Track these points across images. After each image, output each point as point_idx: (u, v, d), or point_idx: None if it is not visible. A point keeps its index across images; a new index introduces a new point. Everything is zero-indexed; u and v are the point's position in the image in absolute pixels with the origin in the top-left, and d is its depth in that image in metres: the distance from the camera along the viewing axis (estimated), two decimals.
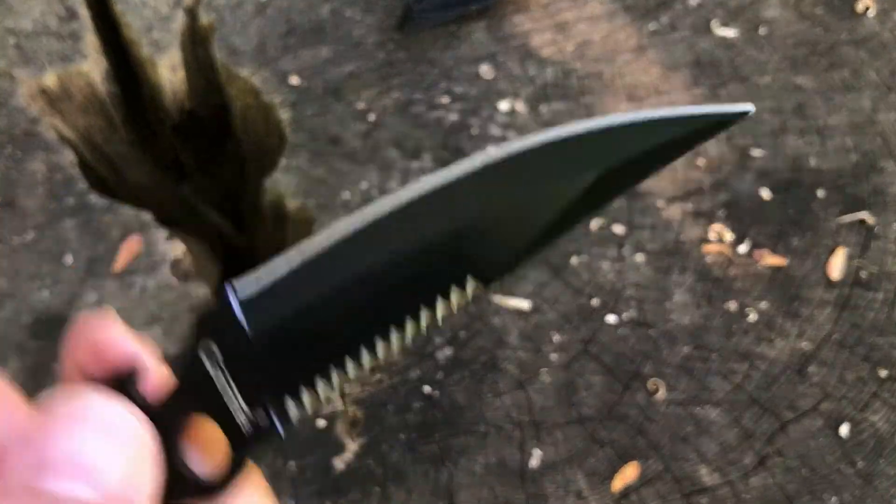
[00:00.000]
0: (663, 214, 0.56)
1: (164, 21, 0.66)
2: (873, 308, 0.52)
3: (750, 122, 0.60)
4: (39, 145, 0.59)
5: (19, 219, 0.56)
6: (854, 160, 0.58)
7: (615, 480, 0.48)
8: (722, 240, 0.55)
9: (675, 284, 0.53)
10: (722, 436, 0.49)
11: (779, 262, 0.54)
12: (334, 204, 0.57)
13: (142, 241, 0.56)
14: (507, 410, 0.50)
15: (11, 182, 0.58)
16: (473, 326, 0.52)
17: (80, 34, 0.64)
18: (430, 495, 0.47)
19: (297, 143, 0.59)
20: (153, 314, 0.53)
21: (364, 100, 0.61)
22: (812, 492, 0.47)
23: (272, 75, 0.62)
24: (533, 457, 0.48)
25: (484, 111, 0.60)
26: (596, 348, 0.51)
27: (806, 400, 0.50)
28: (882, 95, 0.60)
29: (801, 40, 0.63)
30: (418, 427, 0.49)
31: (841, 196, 0.56)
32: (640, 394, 0.50)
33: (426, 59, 0.63)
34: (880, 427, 0.49)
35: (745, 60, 0.62)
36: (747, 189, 0.57)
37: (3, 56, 0.63)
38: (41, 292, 0.54)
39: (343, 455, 0.49)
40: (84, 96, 0.66)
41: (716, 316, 0.52)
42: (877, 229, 0.55)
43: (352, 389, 0.50)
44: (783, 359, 0.51)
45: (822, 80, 0.61)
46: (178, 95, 0.71)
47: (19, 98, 0.61)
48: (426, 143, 0.59)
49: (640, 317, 0.52)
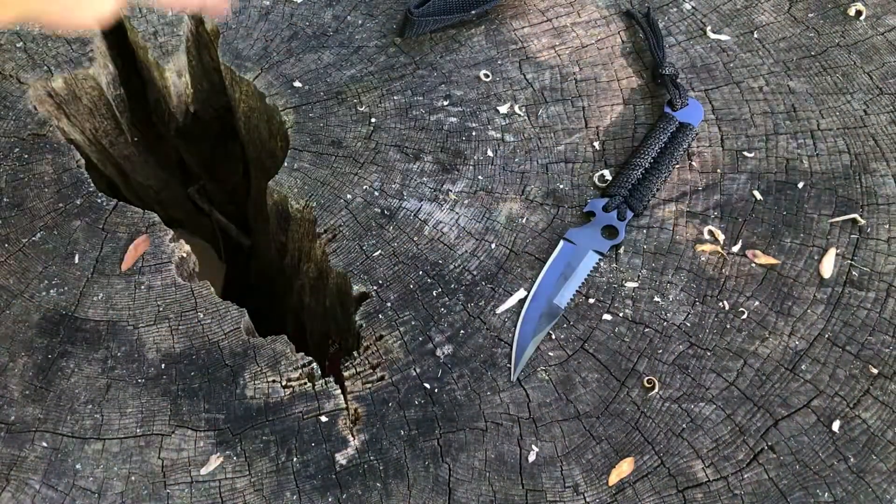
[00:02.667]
0: (658, 215, 0.57)
1: (169, 26, 0.67)
2: (865, 307, 0.53)
3: (743, 125, 0.61)
4: (47, 147, 0.60)
5: (28, 219, 0.57)
6: (846, 162, 0.59)
7: (611, 475, 0.48)
8: (716, 240, 0.56)
9: (670, 284, 0.54)
10: (716, 432, 0.50)
11: (772, 262, 0.55)
12: (337, 204, 0.57)
13: (148, 241, 0.56)
14: (505, 407, 0.50)
15: (20, 183, 0.59)
16: (473, 325, 0.53)
17: (88, 39, 0.65)
18: (430, 490, 0.48)
19: (300, 146, 0.60)
20: (160, 313, 0.54)
21: (365, 103, 0.62)
22: (805, 487, 0.48)
23: (276, 79, 0.63)
24: (531, 452, 0.49)
25: (483, 114, 0.61)
26: (593, 346, 0.52)
27: (799, 397, 0.50)
28: (874, 98, 0.61)
29: (794, 44, 0.64)
30: (419, 423, 0.50)
31: (833, 197, 0.57)
32: (635, 391, 0.51)
33: (426, 63, 0.64)
34: (872, 423, 0.50)
35: (739, 64, 0.63)
36: (740, 190, 0.58)
37: (12, 60, 0.64)
38: (49, 291, 0.54)
39: (345, 450, 0.49)
40: (91, 99, 0.67)
41: (710, 314, 0.53)
42: (868, 230, 0.56)
43: (353, 387, 0.51)
44: (776, 356, 0.52)
45: (814, 84, 0.62)
46: (184, 98, 0.71)
47: (28, 101, 0.62)
48: (426, 145, 0.60)
49: (635, 315, 0.53)
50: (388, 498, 0.48)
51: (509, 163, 0.59)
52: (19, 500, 0.48)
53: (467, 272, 0.55)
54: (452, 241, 0.56)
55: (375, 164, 0.59)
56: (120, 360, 0.52)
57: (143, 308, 0.54)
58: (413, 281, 0.54)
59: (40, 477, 0.48)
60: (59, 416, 0.50)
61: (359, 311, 0.53)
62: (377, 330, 0.53)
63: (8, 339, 0.53)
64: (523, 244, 0.56)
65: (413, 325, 0.53)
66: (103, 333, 0.53)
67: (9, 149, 0.60)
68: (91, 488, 0.48)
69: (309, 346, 0.70)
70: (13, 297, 0.54)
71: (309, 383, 0.51)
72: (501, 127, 0.61)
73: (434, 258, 0.55)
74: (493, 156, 0.59)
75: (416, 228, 0.56)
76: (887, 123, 0.60)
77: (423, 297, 0.54)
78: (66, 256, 0.56)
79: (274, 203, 0.61)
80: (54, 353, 0.52)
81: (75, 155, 0.60)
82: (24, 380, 0.51)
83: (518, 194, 0.58)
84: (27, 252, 0.56)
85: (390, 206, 0.57)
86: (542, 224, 0.57)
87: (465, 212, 0.57)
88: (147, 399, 0.51)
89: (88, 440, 0.50)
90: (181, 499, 0.48)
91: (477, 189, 0.58)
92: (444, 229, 0.56)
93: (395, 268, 0.55)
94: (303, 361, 0.52)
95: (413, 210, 0.57)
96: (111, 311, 0.54)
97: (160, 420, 0.50)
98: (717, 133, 0.60)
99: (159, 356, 0.52)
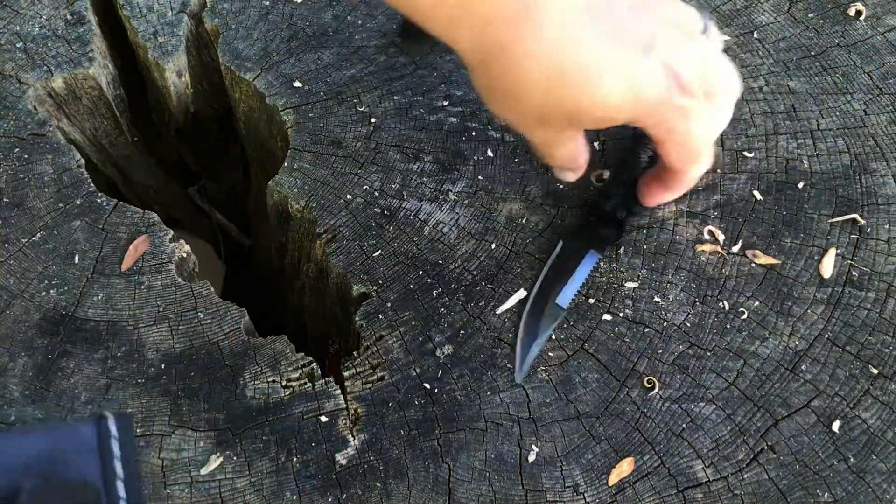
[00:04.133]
0: (658, 215, 0.57)
1: (169, 26, 0.67)
2: (865, 307, 0.53)
3: (743, 125, 0.61)
4: (47, 147, 0.60)
5: (28, 219, 0.57)
6: (846, 162, 0.59)
7: (611, 475, 0.48)
8: (716, 240, 0.56)
9: (670, 284, 0.54)
10: (716, 432, 0.50)
11: (772, 262, 0.55)
12: (337, 204, 0.58)
13: (148, 241, 0.56)
14: (505, 407, 0.50)
15: (20, 183, 0.59)
16: (473, 325, 0.53)
17: (87, 38, 0.65)
18: (430, 490, 0.48)
19: (300, 146, 0.60)
20: (160, 313, 0.54)
21: (365, 103, 0.62)
22: (805, 487, 0.48)
23: (276, 79, 0.63)
24: (531, 452, 0.49)
25: (483, 114, 0.61)
26: (593, 346, 0.52)
27: (798, 397, 0.50)
28: (873, 98, 0.61)
29: (794, 44, 0.64)
30: (419, 423, 0.50)
31: (833, 197, 0.57)
32: (635, 391, 0.51)
33: (426, 63, 0.64)
34: (872, 424, 0.50)
35: (739, 64, 0.63)
36: (740, 190, 0.58)
37: (12, 60, 0.64)
38: (49, 291, 0.54)
39: (345, 451, 0.49)
40: (91, 99, 0.67)
41: (710, 314, 0.53)
42: (868, 230, 0.56)
43: (353, 387, 0.51)
44: (776, 356, 0.52)
45: (814, 84, 0.62)
46: (183, 99, 0.71)
47: (27, 101, 0.62)
48: (426, 145, 0.60)
49: (635, 315, 0.53)
50: (388, 498, 0.48)
51: (509, 163, 0.59)
52: None
53: (467, 272, 0.55)
54: (452, 241, 0.56)
55: (375, 164, 0.59)
56: (120, 360, 0.52)
57: (143, 308, 0.54)
58: (413, 281, 0.54)
59: None
60: (59, 417, 0.50)
61: (359, 311, 0.53)
62: (377, 330, 0.53)
63: (8, 339, 0.53)
64: (523, 244, 0.56)
65: (413, 325, 0.53)
66: (103, 333, 0.53)
67: (9, 149, 0.60)
68: None
69: (309, 346, 0.70)
70: (13, 297, 0.54)
71: (309, 383, 0.51)
72: (502, 127, 0.61)
73: (434, 258, 0.55)
74: (493, 156, 0.59)
75: (416, 228, 0.57)
76: (887, 123, 0.60)
77: (423, 297, 0.54)
78: (66, 256, 0.56)
79: (274, 203, 0.61)
80: (54, 353, 0.52)
81: (75, 155, 0.60)
82: (24, 380, 0.51)
83: (518, 194, 0.58)
84: (27, 252, 0.56)
85: (390, 206, 0.57)
86: (542, 224, 0.57)
87: (465, 212, 0.57)
88: (147, 399, 0.51)
89: None
90: (181, 499, 0.48)
91: (477, 189, 0.58)
92: (444, 229, 0.56)
93: (396, 268, 0.55)
94: (303, 362, 0.52)
95: (413, 210, 0.57)
96: (111, 311, 0.54)
97: (160, 420, 0.50)
98: None
99: (159, 356, 0.52)
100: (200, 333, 0.53)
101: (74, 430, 0.28)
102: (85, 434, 0.28)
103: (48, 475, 0.25)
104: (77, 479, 0.26)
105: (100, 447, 0.27)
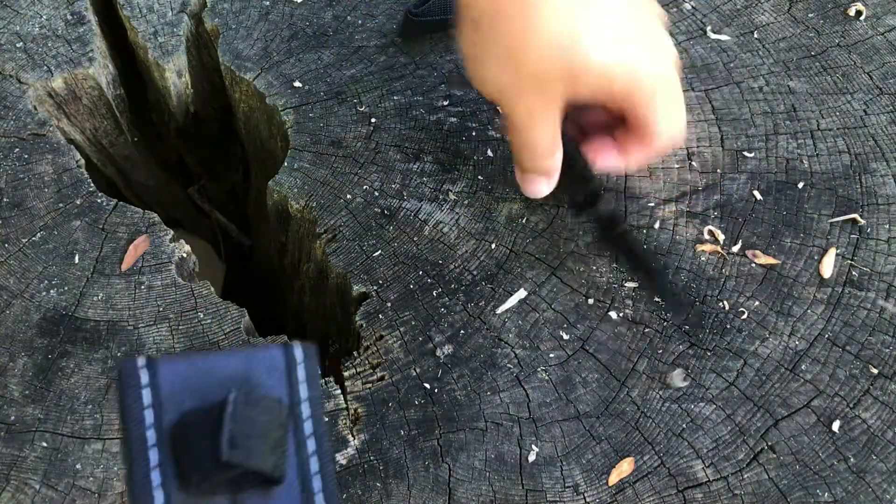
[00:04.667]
0: (658, 215, 0.57)
1: (169, 26, 0.67)
2: (865, 307, 0.53)
3: (743, 125, 0.61)
4: (47, 147, 0.60)
5: (28, 219, 0.57)
6: (846, 162, 0.59)
7: (611, 475, 0.48)
8: (716, 240, 0.56)
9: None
10: (716, 432, 0.50)
11: (772, 262, 0.55)
12: (337, 204, 0.58)
13: (148, 241, 0.56)
14: (505, 407, 0.50)
15: (20, 183, 0.59)
16: (473, 325, 0.53)
17: (87, 38, 0.65)
18: (429, 490, 0.48)
19: (300, 146, 0.60)
20: (160, 313, 0.54)
21: (365, 103, 0.62)
22: (805, 487, 0.48)
23: (276, 79, 0.63)
24: (531, 452, 0.49)
25: (483, 114, 0.61)
26: (593, 346, 0.52)
27: (799, 397, 0.50)
28: (873, 98, 0.61)
29: (794, 44, 0.64)
30: (419, 423, 0.50)
31: (833, 197, 0.57)
32: (635, 391, 0.51)
33: (426, 63, 0.64)
34: (872, 424, 0.50)
35: (739, 64, 0.63)
36: (740, 190, 0.58)
37: (11, 60, 0.64)
38: (49, 291, 0.54)
39: (345, 451, 0.49)
40: (91, 99, 0.67)
41: (710, 314, 0.53)
42: (868, 230, 0.56)
43: (353, 387, 0.51)
44: (776, 356, 0.52)
45: (814, 84, 0.62)
46: (183, 99, 0.71)
47: (27, 101, 0.62)
48: (426, 145, 0.60)
49: (635, 315, 0.53)
50: (388, 498, 0.48)
51: (509, 163, 0.59)
52: (19, 500, 0.48)
53: (467, 272, 0.55)
54: (452, 241, 0.56)
55: (375, 164, 0.59)
56: (120, 360, 0.52)
57: (143, 308, 0.54)
58: (413, 281, 0.54)
59: (40, 477, 0.48)
60: (59, 416, 0.50)
61: (359, 311, 0.53)
62: (377, 330, 0.53)
63: (8, 339, 0.53)
64: (523, 244, 0.56)
65: (413, 325, 0.53)
66: (103, 333, 0.53)
67: (9, 149, 0.60)
68: (91, 488, 0.48)
69: None
70: (13, 297, 0.54)
71: None
72: (501, 126, 0.61)
73: (434, 258, 0.55)
74: (493, 156, 0.59)
75: (416, 228, 0.57)
76: (887, 123, 0.60)
77: (423, 297, 0.54)
78: (66, 256, 0.56)
79: (274, 203, 0.61)
80: (54, 353, 0.52)
81: (75, 155, 0.60)
82: (24, 380, 0.51)
83: (518, 194, 0.58)
84: (27, 252, 0.56)
85: (390, 206, 0.57)
86: (542, 224, 0.57)
87: (465, 212, 0.57)
88: None
89: (88, 440, 0.50)
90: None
91: (477, 189, 0.58)
92: (444, 229, 0.56)
93: (396, 268, 0.55)
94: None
95: (413, 210, 0.57)
96: (111, 311, 0.54)
97: None
98: (717, 133, 0.60)
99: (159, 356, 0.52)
100: (200, 333, 0.53)
101: (266, 353, 0.30)
102: (275, 357, 0.30)
103: (248, 390, 0.28)
104: (271, 396, 0.28)
105: (287, 371, 0.30)
